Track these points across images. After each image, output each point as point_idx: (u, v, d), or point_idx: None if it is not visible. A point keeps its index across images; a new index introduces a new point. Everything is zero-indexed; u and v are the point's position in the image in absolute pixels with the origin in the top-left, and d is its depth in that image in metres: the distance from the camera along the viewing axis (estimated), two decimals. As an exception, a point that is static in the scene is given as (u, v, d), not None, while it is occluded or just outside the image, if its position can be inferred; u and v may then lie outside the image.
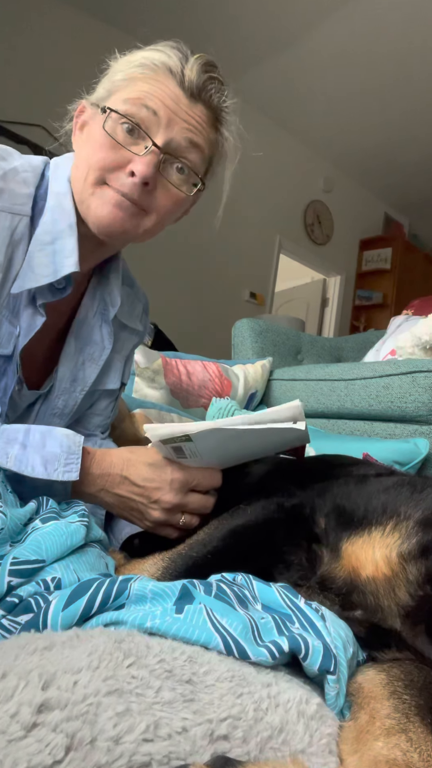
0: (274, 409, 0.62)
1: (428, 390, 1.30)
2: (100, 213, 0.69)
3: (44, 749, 0.27)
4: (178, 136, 0.69)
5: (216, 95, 0.72)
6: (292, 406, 0.62)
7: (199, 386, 1.76)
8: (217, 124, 0.74)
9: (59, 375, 0.81)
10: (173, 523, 0.68)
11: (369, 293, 5.74)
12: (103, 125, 0.68)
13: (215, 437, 0.62)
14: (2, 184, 0.68)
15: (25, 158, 0.74)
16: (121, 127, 0.68)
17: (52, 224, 0.71)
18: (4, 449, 0.60)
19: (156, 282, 3.58)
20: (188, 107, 0.69)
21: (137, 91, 0.68)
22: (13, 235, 0.69)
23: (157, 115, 0.68)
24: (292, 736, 0.35)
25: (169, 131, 0.68)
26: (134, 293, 0.93)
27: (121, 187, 0.68)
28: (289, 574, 0.59)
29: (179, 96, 0.69)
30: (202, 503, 0.68)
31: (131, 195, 0.68)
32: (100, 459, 0.66)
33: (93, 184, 0.69)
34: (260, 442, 0.66)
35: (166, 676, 0.36)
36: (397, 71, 3.93)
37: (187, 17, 3.66)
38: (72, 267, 0.69)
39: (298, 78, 4.21)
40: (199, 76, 0.70)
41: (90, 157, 0.69)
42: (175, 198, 0.72)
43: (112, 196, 0.69)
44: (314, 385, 1.66)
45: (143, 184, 0.68)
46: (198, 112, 0.71)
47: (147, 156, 0.67)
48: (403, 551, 0.50)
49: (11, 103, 3.30)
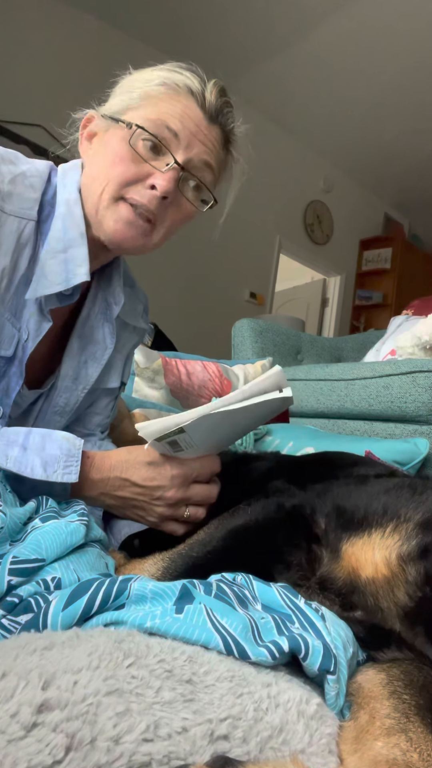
0: (257, 381, 0.62)
1: (428, 390, 1.30)
2: (113, 228, 0.73)
3: (44, 749, 0.27)
4: (196, 157, 0.73)
5: (230, 120, 0.77)
6: (273, 374, 0.62)
7: (199, 386, 1.76)
8: (228, 146, 0.79)
9: (62, 373, 0.82)
10: (178, 517, 0.68)
11: (369, 293, 5.74)
12: (129, 140, 0.71)
13: (207, 423, 0.62)
14: (11, 188, 0.69)
15: (31, 162, 0.75)
16: (142, 143, 0.71)
17: (64, 232, 0.72)
18: (3, 451, 0.60)
19: (156, 282, 3.58)
20: (207, 129, 0.73)
21: (158, 112, 0.71)
22: (20, 239, 0.70)
23: (178, 137, 0.71)
24: (292, 736, 0.35)
25: (189, 151, 0.72)
26: (134, 293, 0.93)
27: (141, 198, 0.71)
28: (289, 574, 0.59)
29: (200, 118, 0.73)
30: (206, 493, 0.69)
31: (149, 207, 0.71)
32: (99, 463, 0.66)
33: (110, 198, 0.71)
34: (250, 417, 0.66)
35: (166, 676, 0.36)
36: (397, 71, 3.93)
37: (188, 17, 3.66)
38: (83, 276, 0.72)
39: (299, 78, 4.21)
40: (217, 100, 0.74)
41: (109, 170, 0.72)
42: (187, 213, 0.77)
43: (125, 214, 0.72)
44: (314, 385, 1.66)
45: (162, 198, 0.71)
46: (214, 134, 0.75)
47: (169, 172, 0.70)
48: (402, 553, 0.50)
49: (11, 103, 3.30)
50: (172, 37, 3.76)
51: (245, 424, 0.69)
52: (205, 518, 0.69)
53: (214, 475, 0.71)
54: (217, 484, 0.71)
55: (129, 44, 3.83)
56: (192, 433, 0.62)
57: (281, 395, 0.61)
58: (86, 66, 3.57)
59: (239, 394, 0.61)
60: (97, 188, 0.72)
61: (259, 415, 0.67)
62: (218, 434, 0.66)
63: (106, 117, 0.74)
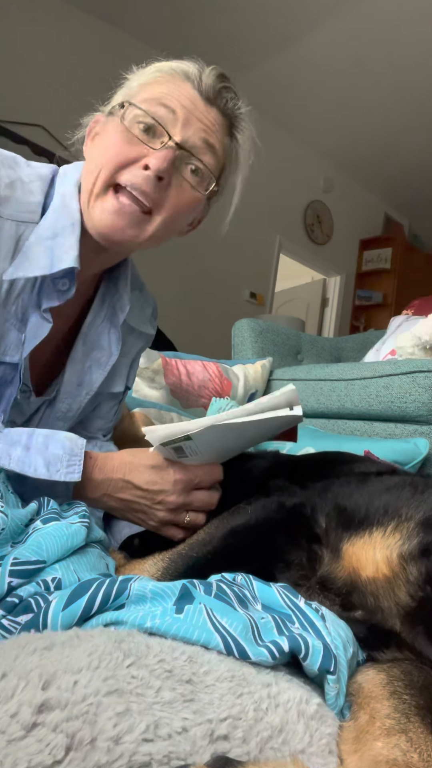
0: (269, 397, 0.62)
1: (428, 390, 1.30)
2: (101, 220, 0.69)
3: (44, 749, 0.27)
4: (194, 136, 0.69)
5: (231, 102, 0.74)
6: (286, 392, 0.62)
7: (199, 386, 1.76)
8: (232, 130, 0.76)
9: (65, 378, 0.81)
10: (178, 522, 0.68)
11: (369, 293, 5.73)
12: (123, 118, 0.68)
13: (214, 433, 0.62)
14: (8, 193, 0.68)
15: (33, 167, 0.74)
16: (137, 126, 0.68)
17: (54, 221, 0.70)
18: (6, 451, 0.60)
19: (156, 282, 3.57)
20: (205, 109, 0.71)
21: (155, 92, 0.70)
22: (19, 242, 0.69)
23: (174, 114, 0.68)
24: (292, 736, 0.35)
25: (186, 130, 0.69)
26: (143, 297, 0.93)
27: (134, 179, 0.67)
28: (290, 574, 0.59)
29: (196, 98, 0.70)
30: (207, 500, 0.69)
31: (144, 188, 0.67)
32: (102, 464, 0.66)
33: (102, 186, 0.68)
34: (258, 431, 0.66)
35: (166, 676, 0.36)
36: (397, 71, 3.93)
37: (188, 17, 3.66)
38: (71, 262, 0.68)
39: (299, 78, 4.20)
40: (215, 82, 0.71)
41: (102, 157, 0.69)
42: (189, 197, 0.72)
43: (113, 204, 0.68)
44: (314, 385, 1.66)
45: (157, 178, 0.67)
46: (213, 116, 0.72)
47: (163, 150, 0.67)
48: (403, 552, 0.50)
49: (11, 103, 3.30)
50: (172, 37, 3.76)
51: (252, 437, 0.69)
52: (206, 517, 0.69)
53: (217, 483, 0.70)
54: (218, 491, 0.71)
55: (129, 44, 3.83)
56: (198, 441, 0.62)
57: (291, 413, 0.61)
58: (86, 66, 3.57)
59: (250, 408, 0.61)
60: (91, 179, 0.70)
61: (266, 430, 0.67)
62: (224, 444, 0.66)
63: (107, 114, 0.74)
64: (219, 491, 0.71)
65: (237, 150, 0.77)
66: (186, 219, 0.77)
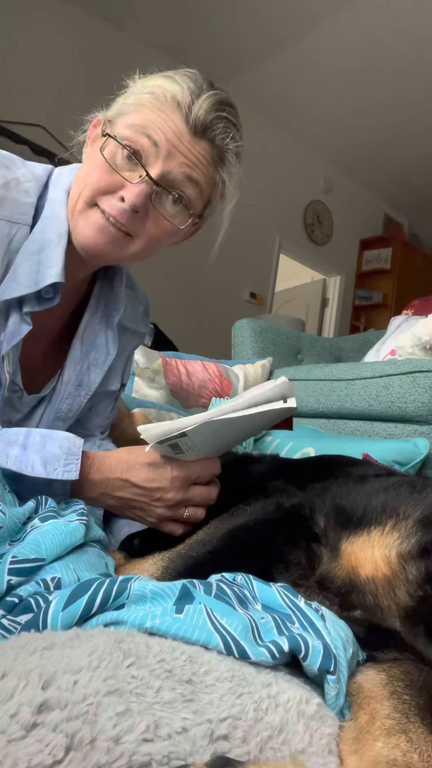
0: (262, 391, 0.62)
1: (428, 390, 1.30)
2: (83, 234, 0.70)
3: (44, 749, 0.27)
4: (175, 170, 0.69)
5: (220, 135, 0.71)
6: (279, 384, 0.62)
7: (199, 386, 1.76)
8: (217, 164, 0.74)
9: (65, 379, 0.81)
10: (177, 518, 0.68)
11: (369, 293, 5.73)
12: (101, 149, 0.68)
13: (209, 429, 0.62)
14: (4, 193, 0.69)
15: (29, 166, 0.74)
16: (121, 152, 0.68)
17: (42, 233, 0.71)
18: (4, 450, 0.61)
19: (156, 282, 3.58)
20: (190, 144, 0.69)
21: (142, 119, 0.68)
22: (11, 243, 0.69)
23: (157, 147, 0.67)
24: (292, 736, 0.35)
25: (167, 164, 0.68)
26: (135, 295, 0.93)
27: (111, 209, 0.68)
28: (289, 573, 0.59)
29: (182, 131, 0.68)
30: (205, 495, 0.69)
31: (119, 219, 0.68)
32: (99, 463, 0.66)
33: (84, 203, 0.69)
34: (253, 424, 0.67)
35: (166, 676, 0.36)
36: (397, 71, 3.93)
37: (188, 17, 3.66)
38: (54, 278, 0.69)
39: (299, 78, 4.20)
40: (206, 114, 0.69)
41: (87, 176, 0.70)
42: (167, 228, 0.72)
43: (96, 220, 0.69)
44: (314, 385, 1.66)
45: (133, 211, 0.68)
46: (200, 149, 0.70)
47: (140, 185, 0.67)
48: (402, 551, 0.50)
49: (11, 103, 3.30)
50: (172, 38, 3.76)
51: (247, 431, 0.69)
52: (205, 518, 0.69)
53: (215, 477, 0.71)
54: (216, 485, 0.71)
55: (129, 44, 3.83)
56: (194, 437, 0.62)
57: (285, 405, 0.61)
58: (86, 66, 3.58)
59: (244, 402, 0.61)
60: (76, 192, 0.71)
61: (261, 423, 0.68)
62: (220, 439, 0.67)
63: (106, 122, 0.73)
64: (218, 485, 0.71)
65: (224, 181, 0.76)
66: (168, 242, 0.77)
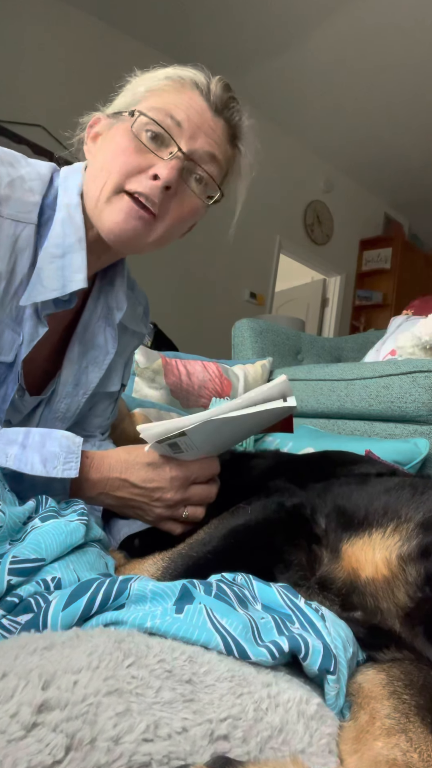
0: (262, 389, 0.62)
1: (428, 390, 1.30)
2: (111, 220, 0.70)
3: (44, 749, 0.27)
4: (200, 149, 0.71)
5: (236, 113, 0.76)
6: (279, 383, 0.62)
7: (199, 386, 1.76)
8: (235, 141, 0.77)
9: (62, 379, 0.81)
10: (177, 517, 0.68)
11: (369, 293, 5.73)
12: (132, 126, 0.69)
13: (209, 428, 0.62)
14: (9, 192, 0.68)
15: (33, 165, 0.74)
16: (145, 134, 0.69)
17: (63, 238, 0.71)
18: (3, 450, 0.60)
19: (156, 282, 3.58)
20: (212, 121, 0.72)
21: (163, 102, 0.70)
22: (17, 242, 0.69)
23: (180, 127, 0.70)
24: (292, 736, 0.35)
25: (192, 142, 0.70)
26: (134, 296, 0.93)
27: (143, 188, 0.68)
28: (289, 574, 0.59)
29: (205, 109, 0.71)
30: (204, 494, 0.69)
31: (151, 197, 0.69)
32: (98, 463, 0.66)
33: (111, 191, 0.69)
34: (252, 423, 0.66)
35: (166, 676, 0.36)
36: (397, 71, 3.93)
37: (188, 17, 3.65)
38: (80, 283, 0.70)
39: (299, 78, 4.20)
40: (223, 93, 0.73)
41: (110, 163, 0.70)
42: (192, 206, 0.74)
43: (124, 205, 0.69)
44: (314, 385, 1.66)
45: (165, 188, 0.69)
46: (219, 127, 0.73)
47: (172, 161, 0.68)
48: (403, 553, 0.50)
49: (11, 103, 3.30)
50: (172, 37, 3.76)
51: (246, 429, 0.69)
52: (205, 517, 0.69)
53: (214, 476, 0.71)
54: (216, 484, 0.71)
55: (129, 44, 3.83)
56: (193, 436, 0.62)
57: (285, 404, 0.61)
58: (87, 66, 3.57)
59: (243, 401, 0.61)
60: (98, 184, 0.71)
61: (261, 422, 0.68)
62: (219, 438, 0.67)
63: (110, 115, 0.74)
64: (217, 483, 0.71)
65: (240, 159, 0.79)
66: (187, 225, 0.79)
